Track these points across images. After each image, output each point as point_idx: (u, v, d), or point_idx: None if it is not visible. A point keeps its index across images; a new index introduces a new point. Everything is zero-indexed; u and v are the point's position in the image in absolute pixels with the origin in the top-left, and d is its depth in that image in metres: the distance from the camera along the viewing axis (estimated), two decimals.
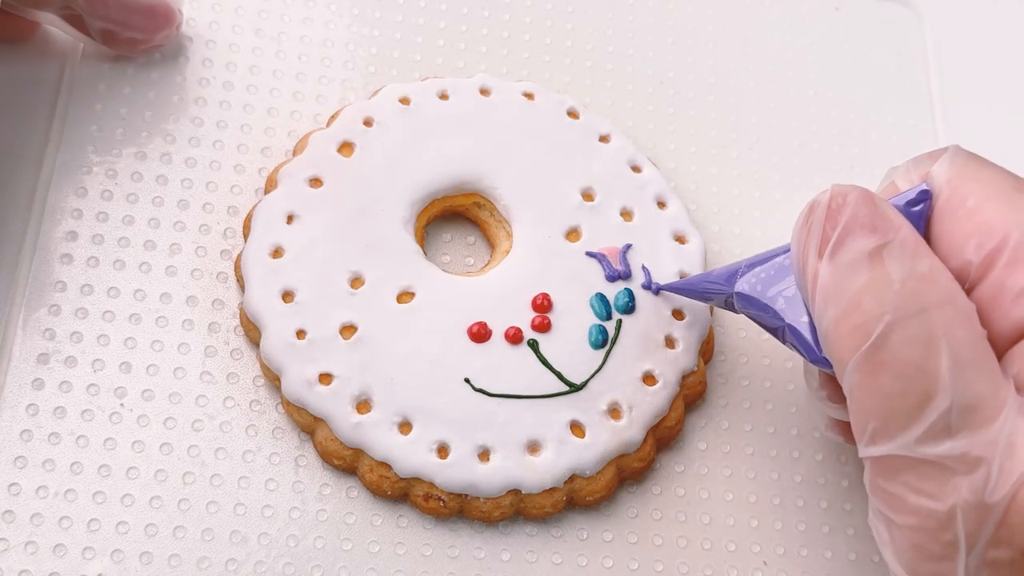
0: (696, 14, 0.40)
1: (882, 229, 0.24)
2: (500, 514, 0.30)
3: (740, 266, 0.29)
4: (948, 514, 0.23)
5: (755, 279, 0.28)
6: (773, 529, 0.32)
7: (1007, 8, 0.43)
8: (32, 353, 0.30)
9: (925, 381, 0.23)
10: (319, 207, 0.32)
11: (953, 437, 0.22)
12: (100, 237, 0.32)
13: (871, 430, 0.23)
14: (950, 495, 0.22)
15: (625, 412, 0.31)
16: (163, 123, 0.34)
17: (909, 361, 0.23)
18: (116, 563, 0.29)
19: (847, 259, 0.24)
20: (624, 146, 0.35)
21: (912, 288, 0.23)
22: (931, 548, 0.23)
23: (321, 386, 0.30)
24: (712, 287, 0.30)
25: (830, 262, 0.24)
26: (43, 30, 0.34)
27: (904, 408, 0.23)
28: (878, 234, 0.24)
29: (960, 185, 0.25)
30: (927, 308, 0.23)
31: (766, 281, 0.28)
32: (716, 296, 0.30)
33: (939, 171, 0.26)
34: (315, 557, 0.29)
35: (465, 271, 0.34)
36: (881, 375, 0.23)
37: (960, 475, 0.22)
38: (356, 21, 0.37)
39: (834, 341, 0.24)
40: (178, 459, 0.30)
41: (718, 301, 0.30)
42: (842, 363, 0.24)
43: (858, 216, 0.24)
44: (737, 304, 0.29)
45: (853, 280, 0.24)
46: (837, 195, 0.25)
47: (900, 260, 0.24)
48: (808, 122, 0.39)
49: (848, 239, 0.24)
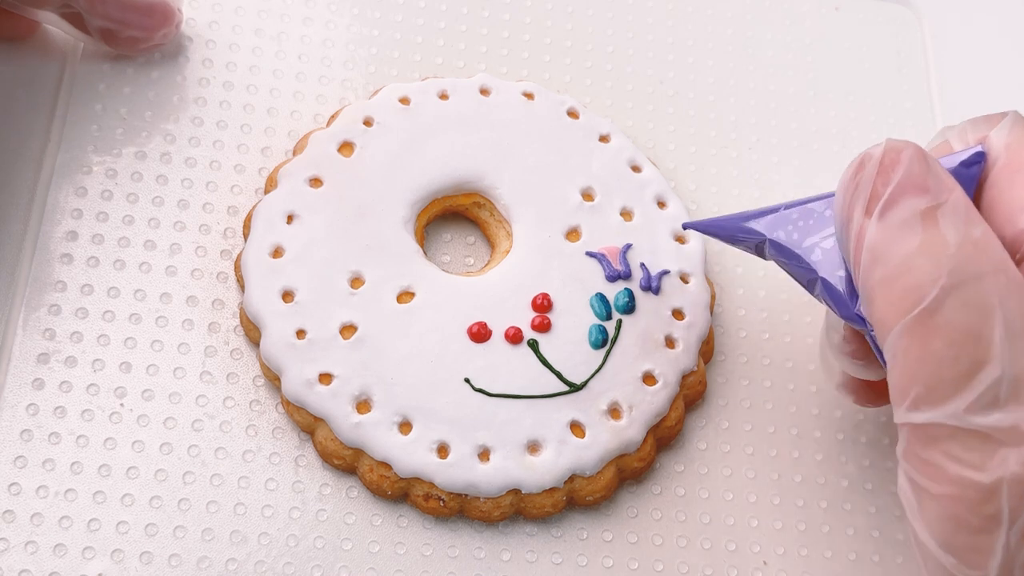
0: (696, 14, 0.40)
1: (935, 190, 0.23)
2: (500, 514, 0.30)
3: (778, 209, 0.28)
4: (992, 486, 0.22)
5: (792, 227, 0.27)
6: (773, 529, 0.32)
7: (1006, 8, 0.43)
8: (32, 353, 0.30)
9: (978, 349, 0.22)
10: (319, 207, 0.32)
11: (1003, 408, 0.22)
12: (100, 237, 0.32)
13: (915, 395, 0.23)
14: (997, 467, 0.22)
15: (625, 412, 0.31)
16: (163, 123, 0.34)
17: (963, 327, 0.22)
18: (116, 563, 0.29)
19: (899, 218, 0.23)
20: (624, 146, 0.35)
21: (968, 253, 0.23)
22: (970, 520, 0.22)
23: (321, 386, 0.30)
24: (746, 230, 0.28)
25: (880, 220, 0.24)
26: (43, 30, 0.34)
27: (953, 375, 0.22)
28: (931, 195, 0.23)
29: (1019, 152, 0.25)
30: (983, 275, 0.22)
31: (804, 231, 0.27)
32: (747, 239, 0.28)
33: (998, 136, 0.25)
34: (315, 557, 0.29)
35: (465, 271, 0.34)
36: (932, 340, 0.22)
37: (1008, 447, 0.22)
38: (356, 21, 0.37)
39: (881, 302, 0.23)
40: (178, 459, 0.30)
41: (747, 246, 0.29)
42: (887, 325, 0.23)
43: (912, 174, 0.23)
44: (769, 251, 0.28)
45: (905, 241, 0.23)
46: (891, 150, 0.24)
47: (954, 223, 0.23)
48: (808, 122, 0.39)
49: (901, 198, 0.23)
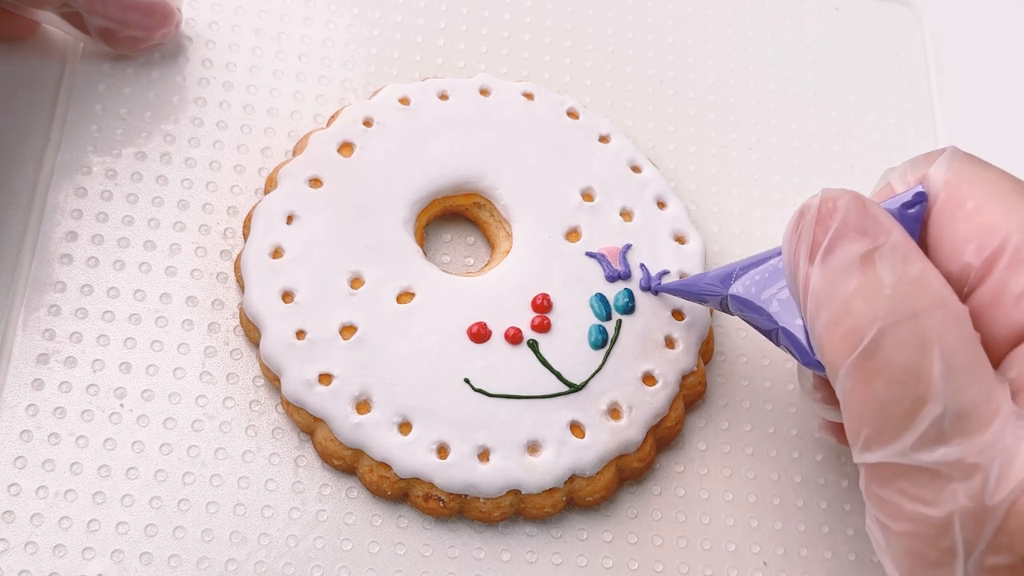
0: (696, 14, 0.40)
1: (873, 233, 0.24)
2: (500, 514, 0.30)
3: (735, 268, 0.29)
4: (945, 520, 0.22)
5: (749, 281, 0.28)
6: (773, 529, 0.32)
7: (1006, 8, 0.43)
8: (32, 353, 0.30)
9: (918, 386, 0.22)
10: (319, 207, 0.32)
11: (947, 443, 0.22)
12: (100, 237, 0.32)
13: (864, 436, 0.23)
14: (947, 501, 0.22)
15: (625, 412, 0.31)
16: (163, 123, 0.34)
17: (901, 366, 0.22)
18: (116, 563, 0.29)
19: (838, 263, 0.24)
20: (624, 146, 0.35)
21: (903, 292, 0.23)
22: (928, 554, 0.23)
23: (321, 386, 0.30)
24: (708, 289, 0.30)
25: (821, 266, 0.24)
26: (43, 30, 0.34)
27: (897, 414, 0.23)
28: (869, 238, 0.24)
29: (958, 187, 0.25)
30: (919, 312, 0.23)
31: (760, 284, 0.28)
32: (712, 298, 0.30)
33: (936, 173, 0.26)
34: (315, 557, 0.30)
35: (465, 271, 0.34)
36: (873, 381, 0.23)
37: (956, 481, 0.22)
38: (356, 21, 0.37)
39: (826, 346, 0.24)
40: (178, 459, 0.30)
41: (714, 303, 0.30)
42: (835, 368, 0.24)
43: (849, 220, 0.24)
44: (732, 306, 0.29)
45: (844, 284, 0.24)
46: (827, 199, 0.24)
47: (891, 264, 0.23)
48: (808, 122, 0.39)
49: (839, 243, 0.24)
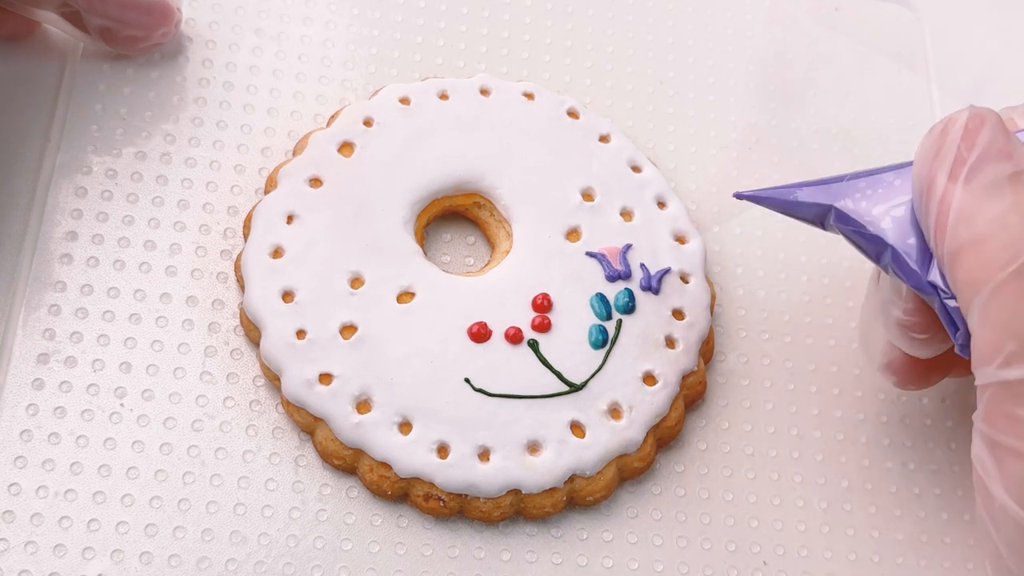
0: (696, 14, 0.40)
1: (1017, 157, 0.24)
2: (500, 514, 0.30)
3: (840, 180, 0.27)
4: None
5: (860, 195, 0.27)
6: (773, 529, 0.32)
7: (1006, 8, 0.43)
8: (32, 353, 0.30)
9: None
10: (319, 207, 0.32)
11: None
12: (100, 237, 0.32)
13: (1008, 352, 0.23)
14: None
15: (625, 412, 0.31)
16: (163, 123, 0.34)
17: None
18: (116, 563, 0.29)
19: (987, 181, 0.24)
20: (624, 146, 0.35)
21: None
22: None
23: (321, 386, 0.30)
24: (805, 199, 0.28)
25: (966, 184, 0.24)
26: (42, 29, 0.34)
27: None
28: (1014, 161, 0.24)
29: None
30: None
31: (872, 199, 0.27)
32: (805, 210, 0.28)
33: None
34: (315, 557, 0.29)
35: (465, 271, 0.34)
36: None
37: None
38: (356, 21, 0.37)
39: (970, 262, 0.23)
40: (178, 459, 0.30)
41: (807, 214, 0.28)
42: (977, 284, 0.23)
43: (996, 141, 0.24)
44: (833, 220, 0.27)
45: (995, 203, 0.23)
46: (975, 116, 0.24)
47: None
48: (808, 122, 0.39)
49: (987, 163, 0.24)
